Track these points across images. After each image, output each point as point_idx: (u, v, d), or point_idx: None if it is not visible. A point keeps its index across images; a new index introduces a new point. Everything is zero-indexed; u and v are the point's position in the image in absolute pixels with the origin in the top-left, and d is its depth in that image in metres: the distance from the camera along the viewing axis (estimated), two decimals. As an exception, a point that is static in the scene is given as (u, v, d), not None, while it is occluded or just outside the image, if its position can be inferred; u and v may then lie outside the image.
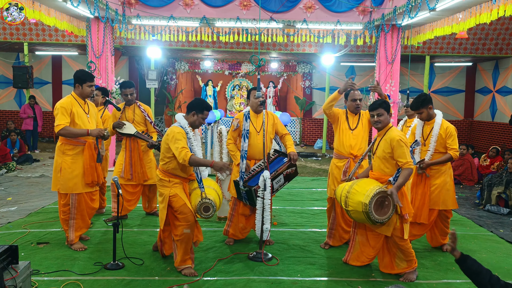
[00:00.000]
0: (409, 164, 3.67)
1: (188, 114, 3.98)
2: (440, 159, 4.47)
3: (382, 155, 3.82)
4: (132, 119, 5.39)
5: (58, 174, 4.40)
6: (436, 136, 4.46)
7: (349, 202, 3.75)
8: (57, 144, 4.47)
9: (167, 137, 3.88)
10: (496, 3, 5.57)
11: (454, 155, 4.42)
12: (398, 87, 8.51)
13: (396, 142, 3.70)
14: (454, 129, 4.48)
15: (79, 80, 4.44)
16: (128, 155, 5.37)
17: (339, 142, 4.59)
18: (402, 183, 3.66)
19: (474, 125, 14.60)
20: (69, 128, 4.30)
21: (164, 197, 3.91)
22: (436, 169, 4.53)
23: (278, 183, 4.51)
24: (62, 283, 3.67)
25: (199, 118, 3.97)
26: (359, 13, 8.49)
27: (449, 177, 4.56)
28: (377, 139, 3.93)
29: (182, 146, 3.76)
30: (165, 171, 3.96)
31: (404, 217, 3.76)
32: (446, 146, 4.45)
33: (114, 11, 7.75)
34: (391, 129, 3.85)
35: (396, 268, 3.95)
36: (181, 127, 3.91)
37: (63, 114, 4.29)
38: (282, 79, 15.50)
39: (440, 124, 4.48)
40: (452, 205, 4.55)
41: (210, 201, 3.90)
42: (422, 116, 4.55)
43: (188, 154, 3.73)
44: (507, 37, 11.29)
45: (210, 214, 3.93)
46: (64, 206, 4.45)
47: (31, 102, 11.80)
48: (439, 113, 4.58)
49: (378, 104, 3.87)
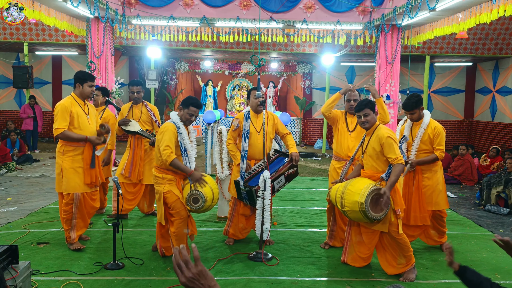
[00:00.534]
0: (399, 160, 3.70)
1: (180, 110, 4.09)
2: (425, 159, 4.48)
3: (372, 153, 3.85)
4: (138, 118, 5.45)
5: (60, 175, 4.39)
6: (421, 135, 4.48)
7: (345, 203, 3.76)
8: (57, 146, 4.46)
9: (159, 132, 3.99)
10: (496, 3, 5.57)
11: (439, 155, 4.45)
12: (398, 87, 8.51)
13: (385, 139, 3.73)
14: (442, 129, 4.49)
15: (79, 79, 4.43)
16: (131, 153, 5.42)
17: (338, 144, 4.60)
18: (394, 181, 3.67)
19: (474, 125, 14.60)
20: (68, 132, 4.29)
21: (160, 194, 3.99)
22: (428, 170, 4.54)
23: (279, 183, 4.51)
24: (62, 283, 3.67)
25: (185, 113, 4.05)
26: (359, 13, 8.49)
27: (440, 177, 4.59)
28: (366, 138, 3.96)
29: (167, 144, 3.87)
30: (159, 168, 4.03)
31: (397, 212, 3.78)
32: (432, 145, 4.47)
33: (114, 11, 7.75)
34: (378, 127, 3.88)
35: (397, 266, 3.95)
36: (173, 122, 3.99)
37: (62, 117, 4.27)
38: (282, 79, 15.50)
39: (427, 123, 4.49)
40: (444, 205, 4.58)
41: (198, 192, 3.94)
42: (414, 117, 4.56)
43: (172, 156, 3.86)
44: (507, 37, 11.29)
45: (199, 205, 3.97)
46: (66, 206, 4.43)
47: (31, 102, 11.80)
48: (427, 113, 4.61)
49: (364, 104, 3.88)
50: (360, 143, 4.09)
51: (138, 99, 5.48)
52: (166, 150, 3.88)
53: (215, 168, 5.79)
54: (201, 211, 4.06)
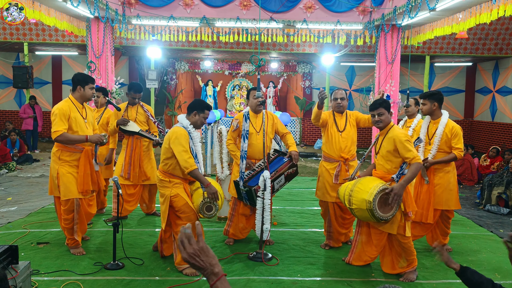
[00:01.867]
0: (417, 159, 3.66)
1: (190, 114, 4.00)
2: (444, 158, 4.46)
3: (385, 154, 3.83)
4: (134, 118, 5.40)
5: (55, 180, 4.27)
6: (440, 135, 4.46)
7: (353, 201, 3.75)
8: (53, 150, 4.32)
9: (169, 138, 3.88)
10: (496, 3, 5.57)
11: (458, 155, 4.43)
12: (398, 87, 8.51)
13: (399, 139, 3.70)
14: (459, 129, 4.48)
15: (81, 82, 4.31)
16: (128, 154, 5.34)
17: (329, 145, 4.56)
18: (410, 178, 3.64)
19: (474, 125, 14.59)
20: (67, 134, 4.17)
21: (166, 197, 3.91)
22: (441, 169, 4.52)
23: (279, 183, 4.51)
24: (62, 283, 3.67)
25: (201, 118, 4.00)
26: (359, 13, 8.49)
27: (453, 177, 4.55)
28: (380, 138, 3.93)
29: (190, 156, 3.80)
30: (165, 172, 3.96)
31: (408, 215, 3.76)
32: (450, 145, 4.45)
33: (114, 11, 7.75)
34: (393, 127, 3.85)
35: (398, 268, 3.95)
36: (184, 127, 3.92)
37: (61, 120, 4.15)
38: (282, 79, 15.50)
39: (445, 123, 4.48)
40: (455, 205, 4.53)
41: (212, 201, 3.92)
42: (423, 109, 4.57)
43: (194, 166, 3.78)
44: (507, 37, 11.29)
45: (212, 214, 3.95)
46: (68, 214, 4.28)
47: (32, 102, 11.79)
48: (446, 113, 4.58)
49: (379, 103, 3.88)
50: (373, 143, 4.08)
51: (135, 104, 5.46)
52: (191, 159, 3.78)
53: (215, 168, 5.79)
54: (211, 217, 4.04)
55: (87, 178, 4.32)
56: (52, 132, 4.16)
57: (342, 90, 4.62)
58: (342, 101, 4.52)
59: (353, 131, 4.56)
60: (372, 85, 9.36)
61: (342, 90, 4.61)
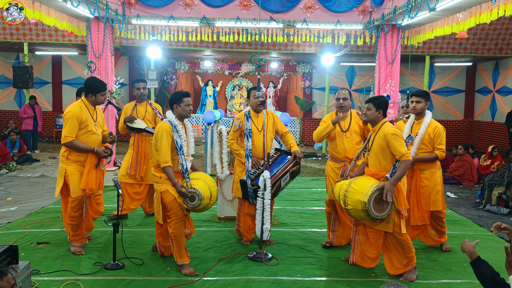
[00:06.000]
0: (406, 156, 3.68)
1: (172, 109, 4.06)
2: (425, 157, 4.48)
3: (377, 151, 3.84)
4: (143, 116, 5.47)
5: (62, 178, 4.33)
6: (422, 134, 4.48)
7: (348, 201, 3.76)
8: (61, 152, 4.41)
9: (155, 134, 3.97)
10: (496, 3, 5.57)
11: (440, 155, 4.45)
12: (398, 87, 8.50)
13: (390, 136, 3.73)
14: (443, 130, 4.51)
15: (92, 90, 4.37)
16: (135, 151, 5.41)
17: (333, 147, 4.59)
18: (399, 176, 3.67)
19: (474, 125, 14.59)
20: (76, 142, 4.25)
21: (157, 192, 3.97)
22: (427, 170, 4.54)
23: (285, 181, 4.53)
24: (62, 283, 3.67)
25: (183, 107, 4.04)
26: (359, 13, 8.48)
27: (439, 178, 4.59)
28: (372, 136, 3.95)
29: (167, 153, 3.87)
30: (157, 167, 4.01)
31: (401, 212, 3.77)
32: (433, 145, 4.47)
33: (114, 11, 7.74)
34: (384, 124, 3.87)
35: (400, 267, 3.95)
36: (169, 121, 3.98)
37: (73, 124, 4.22)
38: (282, 79, 15.50)
39: (428, 123, 4.50)
40: (441, 206, 4.58)
41: (195, 190, 3.87)
42: (417, 107, 4.53)
43: (165, 164, 3.85)
44: (507, 37, 11.29)
45: (196, 204, 3.90)
46: (77, 211, 4.31)
47: (32, 102, 11.79)
48: (429, 113, 4.61)
49: (370, 99, 3.96)
50: (366, 140, 4.09)
51: (143, 95, 5.51)
52: (166, 157, 3.87)
53: (215, 168, 5.79)
54: (198, 209, 3.98)
55: (91, 177, 4.36)
56: (63, 135, 4.26)
57: (345, 90, 4.59)
58: (345, 101, 4.50)
59: (357, 130, 4.56)
60: (372, 85, 9.36)
61: (345, 90, 4.58)
